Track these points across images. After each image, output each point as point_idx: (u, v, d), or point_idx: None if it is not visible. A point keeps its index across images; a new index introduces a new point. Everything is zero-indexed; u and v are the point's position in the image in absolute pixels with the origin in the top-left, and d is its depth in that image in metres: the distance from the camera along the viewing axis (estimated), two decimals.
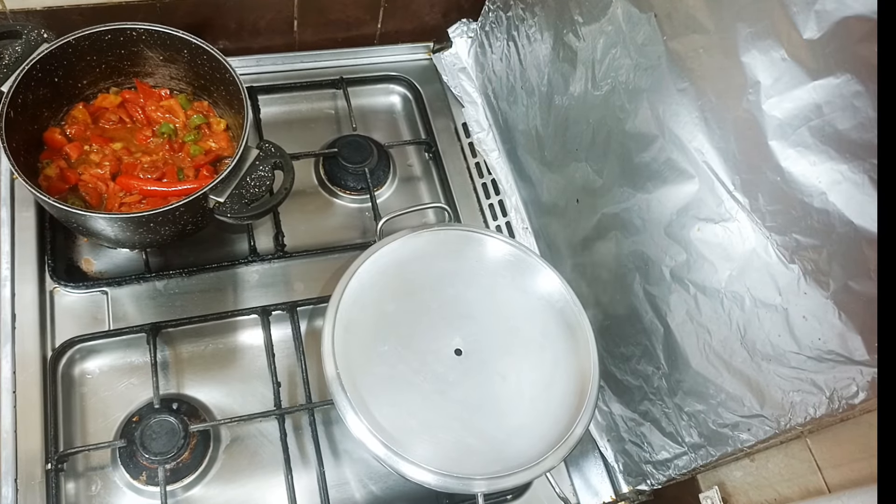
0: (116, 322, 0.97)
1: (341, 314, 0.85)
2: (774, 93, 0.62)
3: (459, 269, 0.93)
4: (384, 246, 0.91)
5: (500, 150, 1.22)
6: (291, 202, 0.94)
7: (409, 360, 0.85)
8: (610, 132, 0.88)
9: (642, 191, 0.84)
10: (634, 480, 0.98)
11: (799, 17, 0.58)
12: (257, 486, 0.92)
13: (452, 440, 0.81)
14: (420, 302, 0.89)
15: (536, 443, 0.82)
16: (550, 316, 0.91)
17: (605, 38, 0.85)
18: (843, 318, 0.61)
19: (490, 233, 0.96)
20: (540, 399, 0.86)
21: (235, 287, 1.03)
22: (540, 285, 0.93)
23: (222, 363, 0.99)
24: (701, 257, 0.76)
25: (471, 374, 0.85)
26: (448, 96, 1.28)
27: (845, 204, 0.59)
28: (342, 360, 0.82)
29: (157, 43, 0.99)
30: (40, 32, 0.92)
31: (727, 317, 0.74)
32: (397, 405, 0.82)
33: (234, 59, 0.97)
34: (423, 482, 0.78)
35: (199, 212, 0.90)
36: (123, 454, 0.89)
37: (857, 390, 0.61)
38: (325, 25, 1.23)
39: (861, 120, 0.55)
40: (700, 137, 0.73)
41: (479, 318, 0.90)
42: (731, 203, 0.71)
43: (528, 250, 0.95)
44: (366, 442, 0.79)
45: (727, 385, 0.76)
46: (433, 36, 1.32)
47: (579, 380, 0.87)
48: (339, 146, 1.16)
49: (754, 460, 0.80)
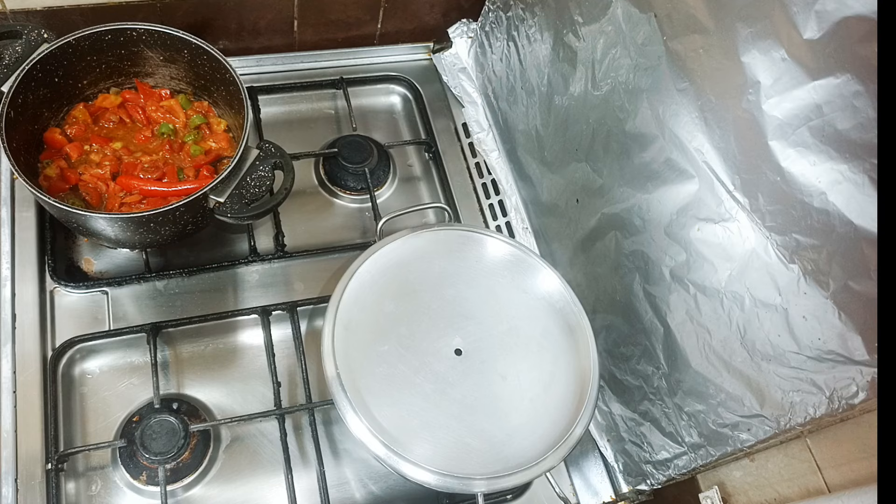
0: (117, 322, 0.97)
1: (341, 314, 0.85)
2: (774, 93, 0.63)
3: (459, 269, 0.93)
4: (384, 246, 0.91)
5: (500, 151, 1.22)
6: (291, 202, 0.94)
7: (409, 359, 0.85)
8: (610, 132, 0.88)
9: (642, 191, 0.84)
10: (634, 480, 0.98)
11: (799, 17, 0.58)
12: (257, 485, 0.92)
13: (452, 440, 0.81)
14: (420, 302, 0.89)
15: (536, 442, 0.82)
16: (550, 316, 0.91)
17: (604, 38, 0.85)
18: (843, 318, 0.61)
19: (490, 233, 0.96)
20: (540, 399, 0.86)
21: (235, 287, 1.03)
22: (540, 285, 0.93)
23: (222, 363, 0.99)
24: (701, 257, 0.76)
25: (471, 373, 0.86)
26: (448, 96, 1.28)
27: (845, 204, 0.58)
28: (342, 359, 0.82)
29: (158, 43, 0.99)
30: (40, 32, 0.92)
31: (727, 317, 0.74)
32: (397, 405, 0.82)
33: (234, 60, 0.97)
34: (423, 482, 0.78)
35: (200, 212, 0.90)
36: (124, 454, 0.89)
37: (857, 390, 0.61)
38: (326, 25, 1.23)
39: (861, 120, 0.55)
40: (700, 137, 0.73)
41: (479, 318, 0.90)
42: (730, 203, 0.71)
43: (528, 250, 0.95)
44: (366, 442, 0.79)
45: (727, 385, 0.76)
46: (433, 36, 1.32)
47: (579, 380, 0.87)
48: (340, 146, 1.16)
49: (754, 460, 0.80)
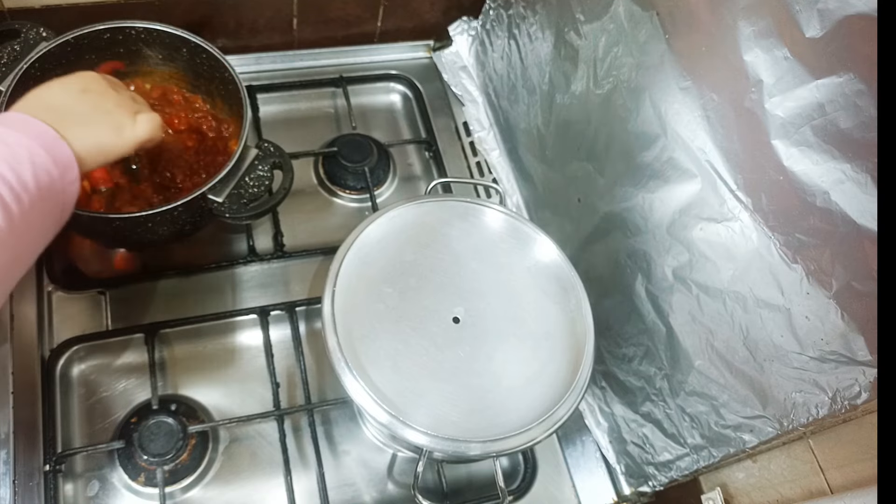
0: (114, 322, 0.97)
1: (341, 279, 0.84)
2: (777, 91, 0.62)
3: (464, 238, 0.91)
4: (389, 211, 0.90)
5: (500, 149, 1.22)
6: (291, 201, 0.94)
7: (408, 326, 0.83)
8: (612, 131, 0.87)
9: (644, 190, 0.83)
10: (636, 482, 0.98)
11: (801, 16, 0.58)
12: (256, 487, 0.91)
13: (448, 404, 0.80)
14: (422, 267, 0.88)
15: (536, 405, 0.81)
16: (549, 286, 0.90)
17: (606, 36, 0.85)
18: (846, 319, 0.61)
19: (500, 208, 0.94)
20: (535, 373, 0.84)
21: (234, 287, 1.03)
22: (541, 260, 0.91)
23: (221, 364, 0.98)
24: (703, 257, 0.76)
25: (468, 341, 0.84)
26: (448, 95, 1.28)
27: (848, 203, 0.58)
28: (342, 327, 0.81)
29: (156, 41, 0.99)
30: (39, 31, 0.92)
31: (729, 317, 0.74)
32: (397, 371, 0.80)
33: (233, 58, 0.97)
34: (417, 444, 0.77)
35: (198, 212, 0.89)
36: (122, 455, 0.88)
37: (860, 391, 0.61)
38: (325, 23, 1.23)
39: (863, 119, 0.55)
40: (702, 136, 0.72)
41: (480, 288, 0.88)
42: (733, 202, 0.70)
43: (537, 228, 0.93)
44: (365, 405, 0.78)
45: (729, 386, 0.76)
46: (433, 34, 1.31)
47: (574, 350, 0.86)
48: (339, 145, 1.15)
49: (756, 461, 0.80)
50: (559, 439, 1.02)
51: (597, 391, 1.02)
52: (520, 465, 1.00)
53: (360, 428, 0.97)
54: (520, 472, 0.99)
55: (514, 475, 0.99)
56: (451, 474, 0.96)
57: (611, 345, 0.96)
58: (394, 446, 0.95)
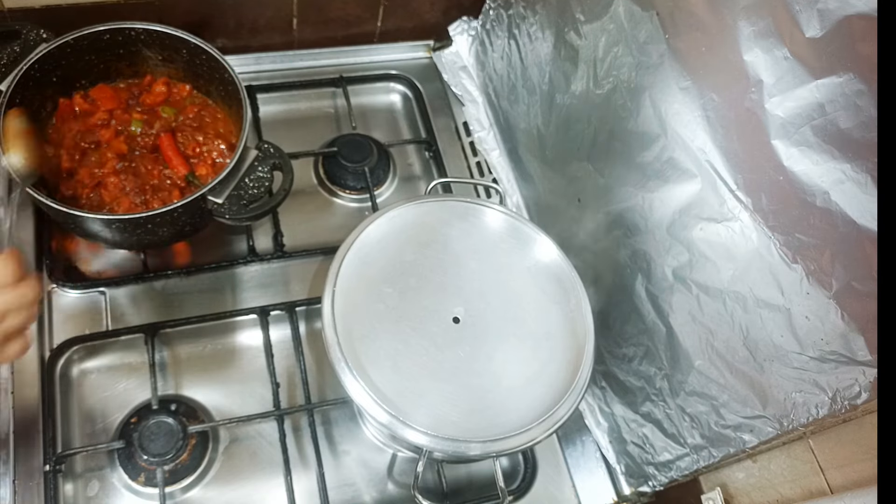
0: (115, 322, 0.97)
1: (342, 279, 0.84)
2: (777, 91, 0.62)
3: (464, 238, 0.91)
4: (389, 211, 0.90)
5: (500, 149, 1.22)
6: (291, 201, 0.94)
7: (408, 326, 0.83)
8: (612, 131, 0.87)
9: (644, 190, 0.83)
10: (636, 482, 0.98)
11: (801, 16, 0.58)
12: (256, 487, 0.91)
13: (447, 404, 0.79)
14: (422, 268, 0.88)
15: (536, 405, 0.81)
16: (549, 286, 0.89)
17: (606, 36, 0.85)
18: (846, 319, 0.61)
19: (500, 208, 0.94)
20: (535, 373, 0.84)
21: (234, 287, 1.03)
22: (541, 260, 0.91)
23: (221, 364, 0.98)
24: (703, 257, 0.76)
25: (468, 341, 0.84)
26: (448, 95, 1.28)
27: (848, 203, 0.58)
28: (342, 327, 0.81)
29: (156, 42, 0.99)
30: (39, 32, 0.92)
31: (730, 317, 0.74)
32: (397, 371, 0.80)
33: (232, 58, 0.97)
34: (417, 444, 0.77)
35: (198, 213, 0.89)
36: (122, 455, 0.89)
37: (860, 391, 0.61)
38: (325, 23, 1.23)
39: (863, 119, 0.55)
40: (702, 136, 0.72)
41: (480, 288, 0.88)
42: (733, 202, 0.70)
43: (537, 228, 0.93)
44: (364, 405, 0.78)
45: (729, 386, 0.76)
46: (433, 34, 1.31)
47: (574, 350, 0.85)
48: (339, 145, 1.15)
49: (756, 461, 0.80)
50: (559, 439, 1.02)
51: (597, 391, 1.02)
52: (520, 465, 1.00)
53: (360, 428, 0.97)
54: (520, 472, 0.99)
55: (514, 475, 0.99)
56: (451, 474, 0.96)
57: (611, 345, 0.96)
58: (394, 446, 0.95)
